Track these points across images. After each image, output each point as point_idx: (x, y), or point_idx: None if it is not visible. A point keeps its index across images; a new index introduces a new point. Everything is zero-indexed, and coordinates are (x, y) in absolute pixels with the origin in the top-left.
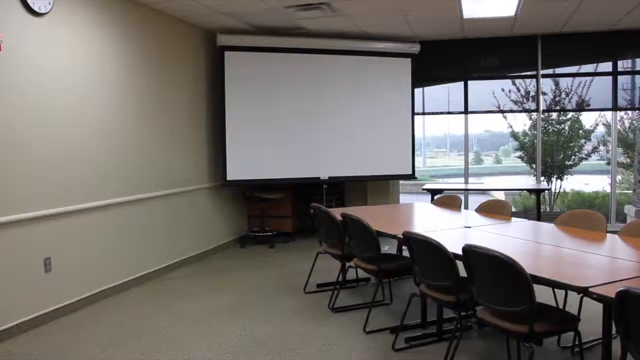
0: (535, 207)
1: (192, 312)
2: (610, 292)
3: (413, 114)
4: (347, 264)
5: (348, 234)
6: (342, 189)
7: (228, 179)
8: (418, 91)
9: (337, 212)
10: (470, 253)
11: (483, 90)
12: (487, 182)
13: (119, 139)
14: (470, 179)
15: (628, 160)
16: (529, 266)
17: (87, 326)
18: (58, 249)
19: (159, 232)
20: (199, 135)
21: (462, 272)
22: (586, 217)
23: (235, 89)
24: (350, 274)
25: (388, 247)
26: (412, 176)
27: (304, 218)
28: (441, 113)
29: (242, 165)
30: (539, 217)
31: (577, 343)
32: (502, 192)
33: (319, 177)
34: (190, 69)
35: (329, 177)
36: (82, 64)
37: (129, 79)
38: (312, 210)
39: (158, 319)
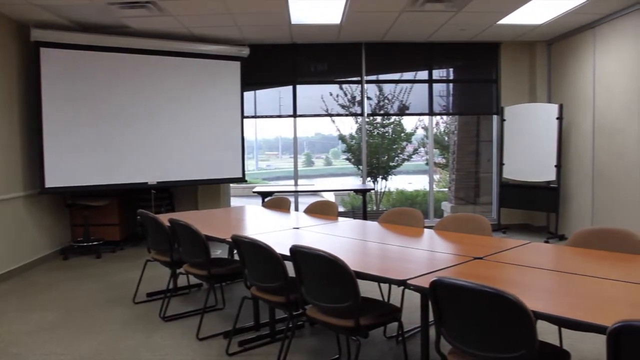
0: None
1: (6, 334)
2: (426, 282)
3: (242, 117)
4: (178, 271)
5: (177, 240)
6: (172, 194)
7: (47, 186)
8: (250, 94)
9: (165, 218)
10: (298, 253)
11: (313, 94)
12: (318, 184)
13: None
14: (302, 181)
15: (444, 160)
16: (353, 263)
17: None
18: None
19: None
20: (11, 138)
21: (292, 273)
22: (406, 214)
23: (54, 88)
24: (182, 281)
25: (220, 252)
26: (242, 179)
27: (132, 225)
28: (271, 116)
29: (62, 171)
30: (365, 216)
31: (400, 332)
32: (332, 192)
33: (146, 182)
34: None
35: (158, 182)
36: None
37: None
38: (139, 217)
39: None
